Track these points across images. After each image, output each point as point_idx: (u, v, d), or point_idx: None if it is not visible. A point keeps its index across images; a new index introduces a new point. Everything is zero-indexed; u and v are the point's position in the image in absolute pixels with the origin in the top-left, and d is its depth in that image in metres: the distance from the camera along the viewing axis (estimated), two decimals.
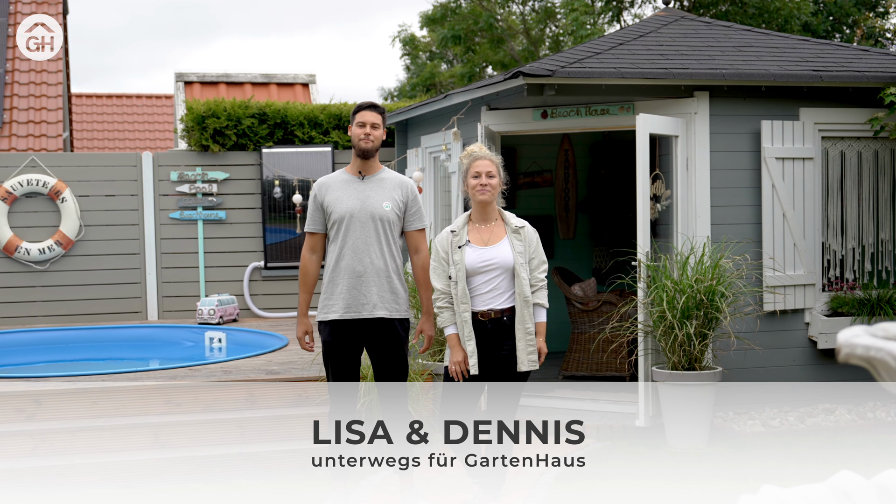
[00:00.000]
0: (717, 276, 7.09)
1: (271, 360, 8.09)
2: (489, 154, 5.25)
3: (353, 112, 5.59)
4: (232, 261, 11.46)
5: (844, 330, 2.10)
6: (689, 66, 7.83)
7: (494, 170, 5.19)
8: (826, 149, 8.15)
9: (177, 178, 11.26)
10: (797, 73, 7.87)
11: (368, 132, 5.52)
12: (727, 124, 7.81)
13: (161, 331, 10.59)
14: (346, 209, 5.47)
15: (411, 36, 25.13)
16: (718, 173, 7.77)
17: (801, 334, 8.00)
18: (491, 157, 5.21)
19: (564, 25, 22.16)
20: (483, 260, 5.13)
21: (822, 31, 18.51)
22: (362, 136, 5.51)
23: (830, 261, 8.23)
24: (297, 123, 11.54)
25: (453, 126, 8.60)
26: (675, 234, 7.71)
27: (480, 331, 5.14)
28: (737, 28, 9.48)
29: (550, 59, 8.16)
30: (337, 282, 5.47)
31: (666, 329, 7.05)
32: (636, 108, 7.80)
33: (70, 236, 10.91)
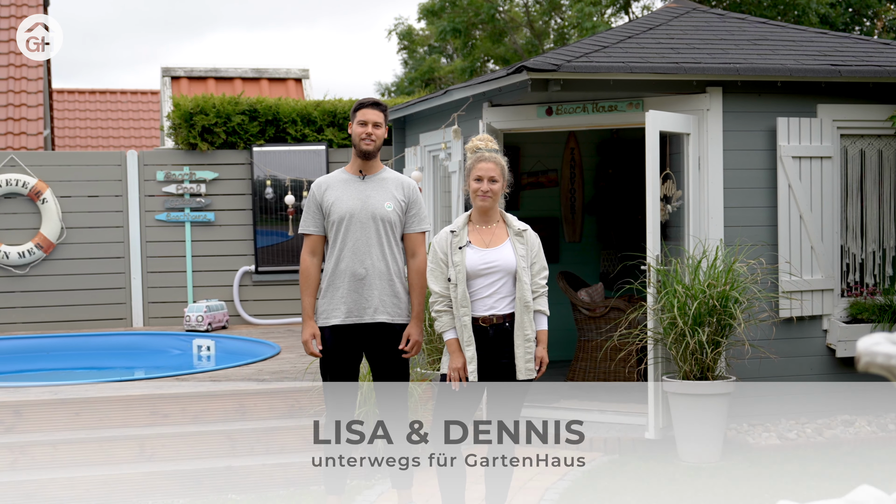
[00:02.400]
0: (730, 281, 7.09)
1: (262, 368, 8.09)
2: (495, 155, 5.23)
3: (354, 109, 5.58)
4: (221, 265, 11.46)
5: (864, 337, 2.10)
6: (701, 61, 7.84)
7: (498, 174, 5.19)
8: (845, 147, 8.16)
9: (163, 177, 11.27)
10: (815, 67, 7.88)
11: (370, 132, 5.52)
12: (741, 121, 7.82)
13: (147, 338, 10.59)
14: (346, 209, 5.48)
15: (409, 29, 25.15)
16: (732, 173, 7.77)
17: (818, 342, 8.00)
18: (496, 160, 5.21)
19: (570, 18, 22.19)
20: (484, 262, 5.14)
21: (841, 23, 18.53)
22: (364, 135, 5.51)
23: (850, 265, 8.23)
24: (289, 120, 11.55)
25: (454, 123, 8.61)
26: (686, 236, 7.72)
27: (482, 337, 5.14)
28: (751, 20, 9.50)
29: (555, 53, 8.17)
30: (337, 285, 5.47)
31: (677, 337, 7.05)
32: (645, 104, 7.81)
33: (51, 239, 10.92)
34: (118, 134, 20.93)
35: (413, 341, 5.54)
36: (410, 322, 5.57)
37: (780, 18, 17.88)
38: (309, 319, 5.55)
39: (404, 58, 26.56)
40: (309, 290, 5.56)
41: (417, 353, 5.68)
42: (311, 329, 5.54)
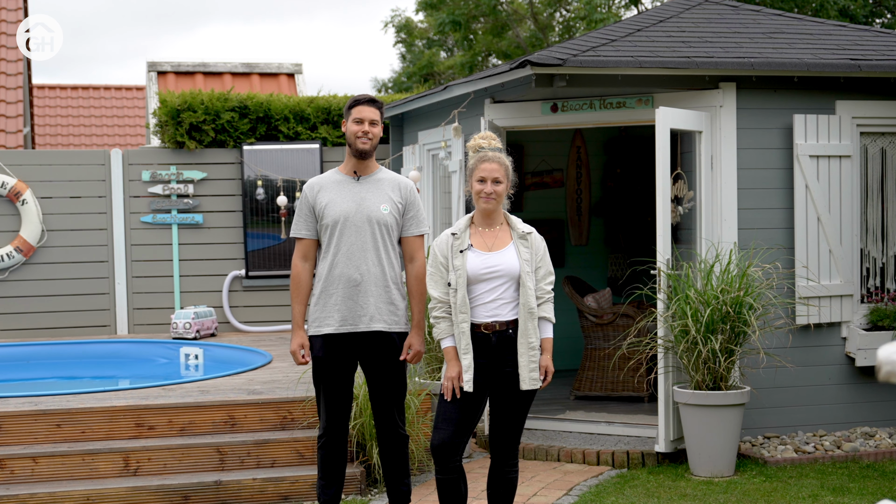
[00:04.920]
0: (744, 287, 7.10)
1: (253, 378, 8.10)
2: (498, 155, 5.22)
3: (349, 106, 5.55)
4: (210, 269, 11.47)
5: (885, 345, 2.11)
6: (714, 55, 7.84)
7: (502, 174, 5.18)
8: (865, 145, 8.17)
9: (149, 177, 11.28)
10: (833, 62, 7.89)
11: (367, 130, 5.51)
12: (756, 119, 7.83)
13: (132, 346, 10.60)
14: (340, 212, 5.47)
15: (406, 21, 25.16)
16: (746, 173, 7.78)
17: (837, 350, 8.01)
18: (500, 160, 5.20)
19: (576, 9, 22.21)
20: (487, 266, 5.13)
21: (861, 15, 18.54)
22: (360, 134, 5.50)
23: (870, 269, 8.24)
24: (281, 118, 11.56)
25: (454, 121, 8.62)
26: (698, 239, 7.72)
27: (484, 345, 5.13)
28: (767, 13, 9.51)
29: (561, 47, 8.18)
30: (331, 292, 5.47)
31: (689, 345, 7.06)
32: (655, 100, 7.82)
33: (31, 242, 10.92)
34: (102, 132, 20.95)
35: (415, 351, 5.55)
36: (411, 331, 5.56)
37: (797, 10, 17.90)
38: (299, 329, 5.54)
39: (402, 52, 26.59)
40: (300, 297, 5.55)
41: (417, 363, 5.68)
42: (301, 339, 5.53)
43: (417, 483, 6.82)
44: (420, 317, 5.56)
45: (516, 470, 5.35)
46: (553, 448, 7.56)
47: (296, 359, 5.55)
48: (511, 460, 5.30)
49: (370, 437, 6.72)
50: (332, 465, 5.59)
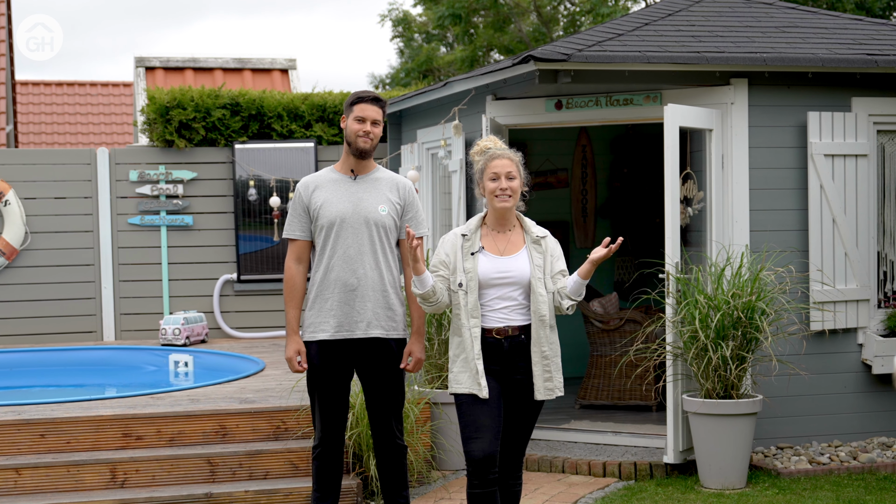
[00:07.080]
0: (756, 291, 7.10)
1: (245, 386, 8.10)
2: (508, 151, 5.23)
3: (350, 103, 5.51)
4: (200, 273, 11.47)
5: None
6: (724, 50, 7.85)
7: (515, 170, 5.17)
8: (882, 144, 8.18)
9: (137, 177, 11.28)
10: (849, 57, 7.90)
11: (368, 129, 5.48)
12: (769, 116, 7.83)
13: (119, 353, 10.60)
14: (336, 213, 5.46)
15: (405, 14, 25.15)
16: (758, 172, 7.79)
17: (853, 357, 8.01)
18: (510, 156, 5.20)
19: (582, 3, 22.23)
20: (498, 272, 5.13)
21: (879, 9, 18.56)
22: (361, 133, 5.48)
23: (887, 273, 8.24)
24: (274, 115, 11.57)
25: (454, 118, 8.63)
26: (708, 242, 7.73)
27: (496, 352, 5.12)
28: (780, 6, 9.52)
29: (566, 42, 8.19)
30: (326, 296, 5.47)
31: (698, 351, 7.06)
32: (664, 97, 7.83)
33: (14, 245, 10.93)
34: (88, 130, 20.94)
35: (415, 360, 5.55)
36: (411, 338, 5.56)
37: (811, 3, 17.91)
38: (294, 334, 5.53)
39: (400, 46, 26.57)
40: (294, 301, 5.54)
41: (418, 370, 5.68)
42: (296, 345, 5.52)
43: (416, 495, 6.83)
44: (420, 323, 5.55)
45: (520, 482, 5.34)
46: (557, 459, 7.57)
47: (291, 366, 5.54)
48: (515, 472, 5.30)
49: (367, 448, 6.73)
50: (328, 476, 5.59)
